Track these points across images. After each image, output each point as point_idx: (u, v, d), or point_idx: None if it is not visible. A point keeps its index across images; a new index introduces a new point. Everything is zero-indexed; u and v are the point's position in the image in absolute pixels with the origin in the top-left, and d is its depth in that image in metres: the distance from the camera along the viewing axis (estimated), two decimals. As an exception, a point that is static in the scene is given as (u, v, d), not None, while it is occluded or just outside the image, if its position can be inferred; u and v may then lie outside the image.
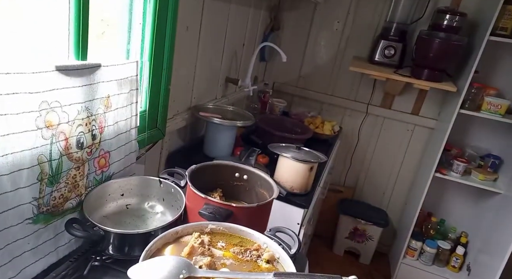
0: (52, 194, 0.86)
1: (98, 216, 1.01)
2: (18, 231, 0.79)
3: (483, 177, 2.29)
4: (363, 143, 2.74)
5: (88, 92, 0.90)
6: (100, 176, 1.04)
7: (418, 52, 2.18)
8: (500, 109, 2.12)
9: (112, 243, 0.90)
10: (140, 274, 0.67)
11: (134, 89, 1.09)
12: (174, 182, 1.10)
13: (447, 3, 2.31)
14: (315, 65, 2.71)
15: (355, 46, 2.57)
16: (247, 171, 1.18)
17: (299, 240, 0.93)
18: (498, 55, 2.26)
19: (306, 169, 1.41)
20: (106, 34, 1.17)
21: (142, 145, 1.29)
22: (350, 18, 2.54)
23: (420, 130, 2.58)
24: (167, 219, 1.06)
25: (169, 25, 1.31)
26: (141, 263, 0.70)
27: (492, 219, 2.32)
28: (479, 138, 2.46)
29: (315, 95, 2.74)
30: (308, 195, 1.47)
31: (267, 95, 2.35)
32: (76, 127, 0.89)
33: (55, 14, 0.93)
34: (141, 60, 1.29)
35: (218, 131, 1.61)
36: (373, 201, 2.82)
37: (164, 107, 1.41)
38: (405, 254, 2.55)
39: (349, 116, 2.72)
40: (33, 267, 0.85)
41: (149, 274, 0.67)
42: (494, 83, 2.31)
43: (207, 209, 0.93)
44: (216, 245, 0.83)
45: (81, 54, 0.99)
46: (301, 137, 1.91)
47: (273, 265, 0.80)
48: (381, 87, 2.56)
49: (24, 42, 0.89)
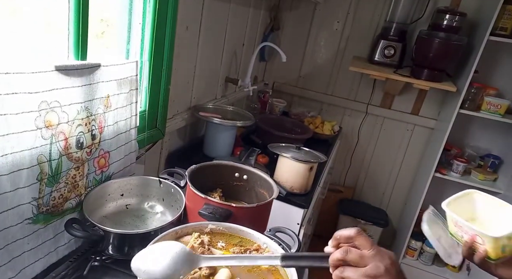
0: (52, 194, 0.86)
1: (98, 216, 1.01)
2: (17, 231, 0.79)
3: (482, 177, 2.29)
4: (363, 143, 2.74)
5: (87, 92, 0.90)
6: (100, 176, 1.04)
7: (418, 52, 2.17)
8: (499, 109, 2.12)
9: (112, 243, 0.90)
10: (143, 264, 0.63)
11: (133, 89, 1.08)
12: (174, 182, 1.10)
13: (447, 3, 2.31)
14: (315, 65, 2.71)
15: (355, 46, 2.57)
16: (247, 171, 1.18)
17: (299, 240, 0.93)
18: (498, 55, 2.26)
19: (306, 169, 1.41)
20: (106, 34, 1.17)
21: (141, 145, 1.29)
22: (350, 18, 2.54)
23: (420, 130, 2.58)
24: (167, 219, 1.06)
25: (169, 25, 1.30)
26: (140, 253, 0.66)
27: (492, 219, 2.31)
28: (479, 138, 2.46)
29: (315, 95, 2.74)
30: (308, 195, 1.47)
31: (267, 95, 2.35)
32: (76, 127, 0.89)
33: (54, 14, 0.93)
34: (141, 60, 1.29)
35: (218, 131, 1.61)
36: (373, 201, 2.82)
37: (164, 107, 1.41)
38: (405, 254, 2.56)
39: (349, 116, 2.72)
40: (32, 267, 0.85)
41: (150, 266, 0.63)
42: (494, 83, 2.31)
43: (207, 209, 0.93)
44: (216, 245, 0.83)
45: (81, 54, 0.99)
46: (301, 137, 1.91)
47: (273, 265, 0.80)
48: (381, 87, 2.56)
49: (23, 42, 0.89)
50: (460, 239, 0.75)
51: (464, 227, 0.72)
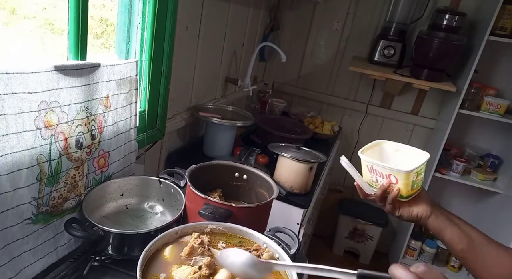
0: (52, 194, 0.86)
1: (98, 216, 1.01)
2: (17, 231, 0.79)
3: (482, 177, 2.30)
4: (362, 143, 2.71)
5: (87, 92, 0.90)
6: (100, 176, 1.03)
7: (418, 52, 2.18)
8: (499, 109, 2.12)
9: (112, 243, 0.90)
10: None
11: (133, 89, 1.08)
12: (174, 182, 1.10)
13: (447, 3, 2.31)
14: (314, 65, 2.71)
15: (354, 46, 2.57)
16: (246, 171, 1.17)
17: (299, 240, 0.93)
18: (498, 55, 2.26)
19: (305, 169, 1.41)
20: (106, 34, 1.17)
21: (141, 145, 1.29)
22: (349, 18, 2.54)
23: (419, 130, 2.58)
24: (167, 219, 1.06)
25: (169, 25, 1.30)
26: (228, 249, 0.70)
27: (492, 219, 2.32)
28: (479, 138, 2.46)
29: (314, 95, 2.74)
30: (308, 195, 1.47)
31: (267, 95, 2.35)
32: (76, 127, 0.89)
33: (54, 14, 0.93)
34: (141, 60, 1.29)
35: (218, 131, 1.61)
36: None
37: (163, 107, 1.41)
38: (405, 254, 2.56)
39: (348, 116, 2.72)
40: (32, 267, 0.85)
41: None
42: (494, 83, 2.31)
43: (207, 209, 0.93)
44: (216, 245, 0.83)
45: (80, 53, 0.99)
46: (301, 137, 1.91)
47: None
48: (380, 87, 2.56)
49: (23, 41, 0.89)
50: (374, 184, 0.83)
51: (379, 168, 0.79)
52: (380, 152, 0.89)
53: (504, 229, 2.11)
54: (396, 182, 0.78)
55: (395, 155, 0.87)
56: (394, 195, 0.78)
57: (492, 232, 2.39)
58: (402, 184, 0.77)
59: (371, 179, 0.83)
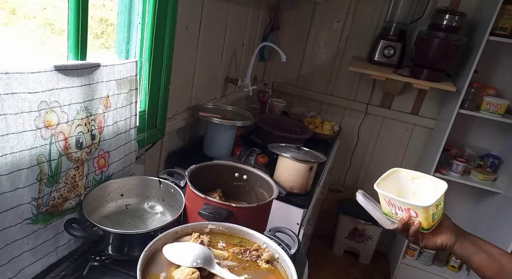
0: (51, 194, 0.86)
1: (98, 216, 1.01)
2: (17, 231, 0.79)
3: (482, 177, 2.29)
4: (362, 143, 2.74)
5: (87, 92, 0.90)
6: (100, 176, 1.03)
7: (418, 52, 2.18)
8: (499, 109, 2.12)
9: (112, 243, 0.90)
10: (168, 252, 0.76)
11: (133, 89, 1.08)
12: (174, 182, 1.10)
13: (447, 3, 2.31)
14: (314, 65, 2.71)
15: (354, 46, 2.57)
16: (246, 171, 1.17)
17: (299, 240, 0.93)
18: (498, 55, 2.26)
19: (305, 169, 1.41)
20: (106, 34, 1.17)
21: (141, 145, 1.29)
22: (349, 18, 2.54)
23: (419, 130, 2.58)
24: (167, 219, 1.06)
25: (169, 25, 1.30)
26: (174, 244, 0.78)
27: (492, 219, 2.32)
28: (479, 138, 2.46)
29: (314, 95, 2.74)
30: (308, 195, 1.47)
31: (267, 95, 2.35)
32: (76, 127, 0.89)
33: (54, 14, 0.93)
34: (141, 60, 1.29)
35: (218, 131, 1.61)
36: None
37: (163, 107, 1.41)
38: (405, 254, 2.56)
39: (348, 116, 2.72)
40: (32, 267, 0.85)
41: (173, 253, 0.76)
42: (494, 83, 2.31)
43: (207, 209, 0.93)
44: (216, 245, 0.83)
45: (80, 53, 0.99)
46: (301, 137, 1.91)
47: (273, 265, 0.80)
48: (380, 87, 2.56)
49: (23, 41, 0.89)
50: (394, 216, 0.82)
51: (398, 203, 0.78)
52: (398, 180, 0.87)
53: (503, 229, 2.11)
54: (416, 216, 0.77)
55: (413, 183, 0.86)
56: (416, 229, 0.78)
57: (492, 232, 2.40)
58: (423, 218, 0.76)
59: (390, 211, 0.82)
